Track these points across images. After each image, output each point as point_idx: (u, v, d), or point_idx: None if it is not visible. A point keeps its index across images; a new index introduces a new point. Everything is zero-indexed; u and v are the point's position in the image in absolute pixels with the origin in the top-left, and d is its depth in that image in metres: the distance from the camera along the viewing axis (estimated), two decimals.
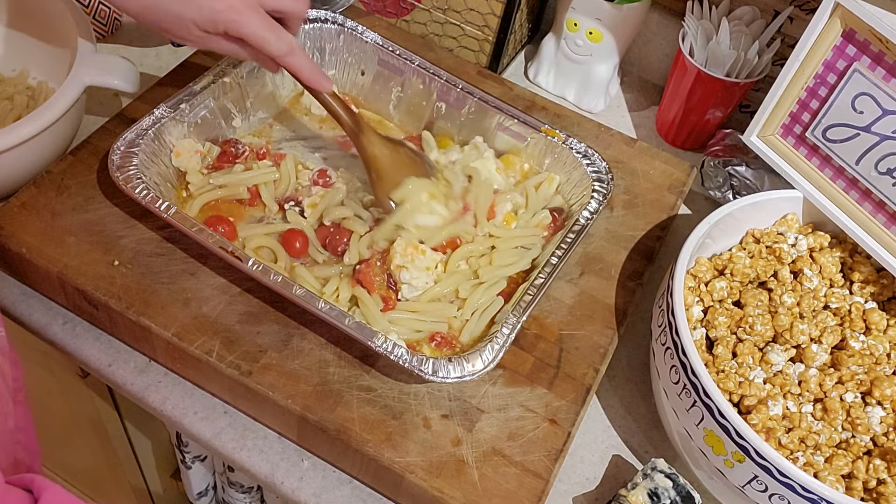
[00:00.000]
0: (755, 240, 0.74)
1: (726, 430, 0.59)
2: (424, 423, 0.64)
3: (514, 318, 0.65)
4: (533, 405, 0.66)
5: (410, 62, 0.83)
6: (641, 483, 0.64)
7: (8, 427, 0.57)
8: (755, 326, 0.67)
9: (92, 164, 0.75)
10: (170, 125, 0.74)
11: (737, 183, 0.86)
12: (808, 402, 0.65)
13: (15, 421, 0.58)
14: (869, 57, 0.67)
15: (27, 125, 0.70)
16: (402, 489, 0.63)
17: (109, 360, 0.70)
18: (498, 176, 0.78)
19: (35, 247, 0.68)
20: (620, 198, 0.82)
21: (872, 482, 0.61)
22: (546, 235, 0.76)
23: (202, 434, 0.68)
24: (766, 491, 0.59)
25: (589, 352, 0.70)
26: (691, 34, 0.89)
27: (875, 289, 0.72)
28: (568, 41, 0.95)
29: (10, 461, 0.56)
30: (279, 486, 0.67)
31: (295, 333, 0.67)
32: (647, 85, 1.04)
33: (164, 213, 0.67)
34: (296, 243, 0.72)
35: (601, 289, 0.74)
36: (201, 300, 0.68)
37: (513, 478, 0.62)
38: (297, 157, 0.79)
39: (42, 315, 0.72)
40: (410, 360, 0.61)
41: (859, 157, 0.70)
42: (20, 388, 0.60)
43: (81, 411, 0.94)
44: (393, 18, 0.98)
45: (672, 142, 0.97)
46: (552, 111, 0.88)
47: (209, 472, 1.05)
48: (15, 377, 0.59)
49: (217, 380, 0.67)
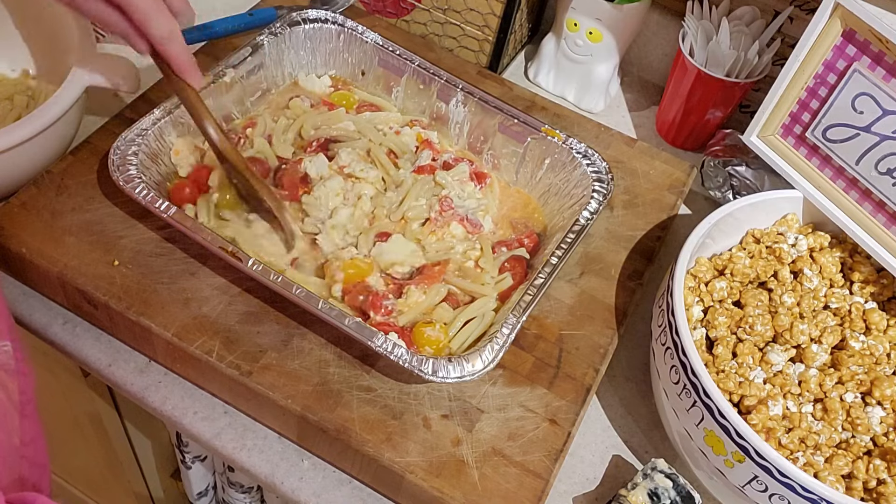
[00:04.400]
0: (755, 240, 0.74)
1: (726, 431, 0.59)
2: (424, 423, 0.64)
3: (514, 318, 0.65)
4: (533, 405, 0.66)
5: (410, 62, 0.83)
6: (641, 483, 0.64)
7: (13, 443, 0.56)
8: (755, 326, 0.67)
9: (92, 164, 0.75)
10: (170, 125, 0.74)
11: (737, 183, 0.86)
12: (808, 403, 0.65)
13: (21, 436, 0.57)
14: (869, 57, 0.67)
15: (27, 125, 0.70)
16: (402, 489, 0.63)
17: (109, 360, 0.70)
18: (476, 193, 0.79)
19: (35, 247, 0.68)
20: (620, 198, 0.82)
21: (872, 482, 0.61)
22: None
23: (202, 434, 0.68)
24: (766, 491, 0.59)
25: (589, 352, 0.70)
26: (691, 34, 0.89)
27: (875, 289, 0.72)
28: (568, 41, 0.95)
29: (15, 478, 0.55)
30: (279, 486, 0.67)
31: (295, 333, 0.67)
32: (647, 85, 1.04)
33: (164, 213, 0.67)
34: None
35: (601, 289, 0.74)
36: (201, 300, 0.68)
37: (513, 478, 0.62)
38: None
39: (42, 315, 0.72)
40: (410, 360, 0.61)
41: (859, 157, 0.70)
42: (29, 401, 0.58)
43: (81, 411, 0.94)
44: (393, 18, 0.98)
45: (672, 142, 0.97)
46: (552, 111, 0.88)
47: (209, 472, 1.05)
48: (23, 389, 0.58)
49: (217, 380, 0.67)
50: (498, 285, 0.72)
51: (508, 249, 0.75)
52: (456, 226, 0.75)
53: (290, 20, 0.83)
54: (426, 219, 0.75)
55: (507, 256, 0.74)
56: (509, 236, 0.78)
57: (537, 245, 0.77)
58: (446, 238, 0.75)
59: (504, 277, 0.73)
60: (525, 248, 0.76)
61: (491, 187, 0.81)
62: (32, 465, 0.58)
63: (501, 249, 0.75)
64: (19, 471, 0.56)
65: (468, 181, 0.79)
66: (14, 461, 0.56)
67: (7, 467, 0.55)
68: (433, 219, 0.74)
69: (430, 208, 0.75)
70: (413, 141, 0.82)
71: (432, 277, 0.71)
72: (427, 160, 0.79)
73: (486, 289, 0.71)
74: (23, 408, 0.58)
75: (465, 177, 0.79)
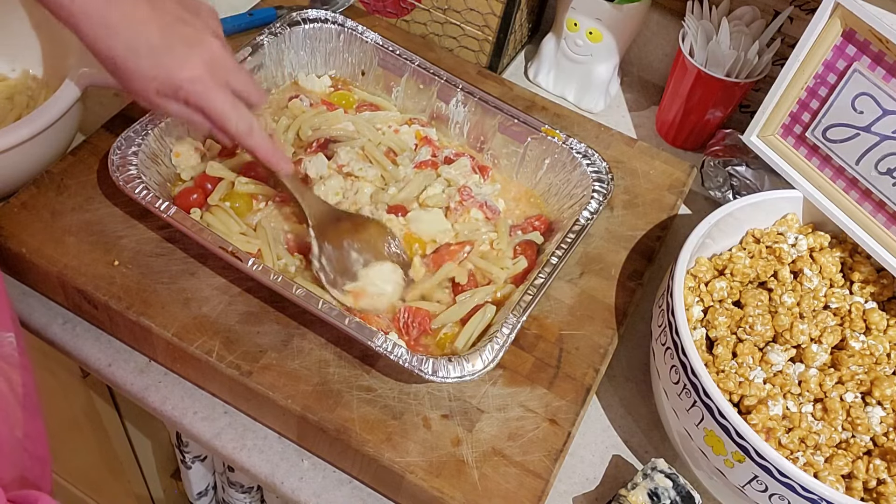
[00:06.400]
0: (755, 240, 0.74)
1: (726, 430, 0.59)
2: (424, 423, 0.64)
3: (514, 317, 0.65)
4: (533, 405, 0.66)
5: (410, 62, 0.83)
6: (641, 483, 0.64)
7: (15, 437, 0.56)
8: (755, 326, 0.67)
9: (92, 164, 0.75)
10: (170, 125, 0.74)
11: (737, 183, 0.86)
12: (808, 402, 0.65)
13: (23, 430, 0.57)
14: (869, 57, 0.67)
15: (27, 125, 0.70)
16: (402, 489, 0.63)
17: (109, 360, 0.70)
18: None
19: (35, 247, 0.68)
20: (620, 198, 0.82)
21: (872, 482, 0.61)
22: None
23: (202, 434, 0.68)
24: (766, 491, 0.59)
25: (589, 352, 0.70)
26: (691, 34, 0.89)
27: (875, 289, 0.72)
28: (568, 41, 0.95)
29: (17, 474, 0.55)
30: (279, 486, 0.67)
31: (295, 333, 0.67)
32: (647, 85, 1.04)
33: (164, 213, 0.67)
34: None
35: (601, 289, 0.74)
36: (201, 300, 0.68)
37: (513, 478, 0.62)
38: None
39: (42, 315, 0.72)
40: (410, 360, 0.61)
41: (859, 157, 0.70)
42: (29, 394, 0.58)
43: (81, 411, 0.94)
44: (393, 18, 0.98)
45: (672, 142, 0.97)
46: (552, 111, 0.88)
47: (209, 472, 1.05)
48: (25, 383, 0.58)
49: (217, 380, 0.67)
50: (514, 267, 0.74)
51: (523, 233, 0.77)
52: (476, 212, 0.77)
53: (290, 20, 0.83)
54: (446, 207, 0.77)
55: (521, 240, 0.76)
56: (521, 220, 0.79)
57: (549, 227, 0.78)
58: (470, 222, 0.77)
59: (518, 260, 0.74)
60: (538, 232, 0.77)
61: (493, 180, 0.82)
62: (34, 460, 0.58)
63: (517, 233, 0.77)
64: (21, 465, 0.56)
65: (472, 174, 0.80)
66: (17, 455, 0.56)
67: (9, 462, 0.55)
68: (453, 208, 0.76)
69: (449, 198, 0.77)
70: (412, 139, 0.82)
71: (446, 256, 0.73)
72: (427, 156, 0.80)
73: (502, 274, 0.73)
74: (25, 401, 0.58)
75: (468, 170, 0.79)
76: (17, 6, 0.84)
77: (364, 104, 0.86)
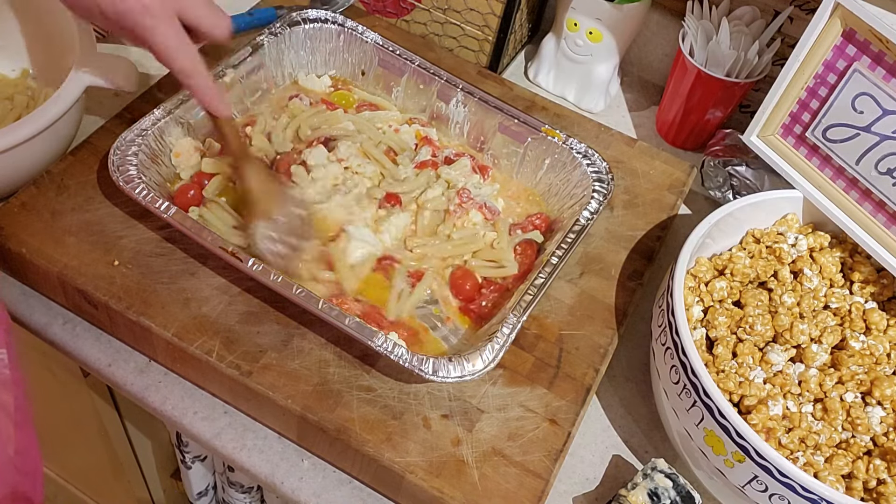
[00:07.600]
0: (755, 240, 0.74)
1: (726, 430, 0.59)
2: (424, 423, 0.64)
3: (514, 317, 0.65)
4: (533, 405, 0.66)
5: (410, 62, 0.83)
6: (641, 483, 0.64)
7: (7, 454, 0.55)
8: (755, 326, 0.67)
9: (92, 164, 0.75)
10: (170, 125, 0.74)
11: (737, 183, 0.86)
12: (808, 402, 0.65)
13: (15, 446, 0.56)
14: (869, 57, 0.67)
15: (27, 125, 0.70)
16: (402, 489, 0.63)
17: (109, 360, 0.70)
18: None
19: (35, 247, 0.68)
20: (620, 198, 0.82)
21: (872, 482, 0.61)
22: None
23: (202, 434, 0.68)
24: (766, 491, 0.59)
25: (589, 352, 0.70)
26: (691, 34, 0.89)
27: (875, 289, 0.72)
28: (568, 41, 0.95)
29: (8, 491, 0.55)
30: (279, 486, 0.67)
31: (295, 333, 0.67)
32: (647, 85, 1.04)
33: (164, 213, 0.66)
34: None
35: (601, 289, 0.74)
36: (201, 300, 0.68)
37: (513, 478, 0.62)
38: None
39: (42, 315, 0.72)
40: (410, 359, 0.61)
41: (859, 157, 0.70)
42: (21, 408, 0.58)
43: (81, 411, 0.94)
44: (393, 18, 0.98)
45: (672, 142, 0.97)
46: (552, 111, 0.88)
47: (209, 472, 1.05)
48: (17, 397, 0.57)
49: (217, 380, 0.67)
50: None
51: (523, 231, 0.77)
52: (475, 213, 0.77)
53: (290, 20, 0.83)
54: (444, 210, 0.77)
55: (521, 239, 0.76)
56: (522, 218, 0.79)
57: (549, 226, 0.78)
58: (468, 226, 0.76)
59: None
60: (538, 230, 0.77)
61: (493, 179, 0.82)
62: (24, 475, 0.57)
63: (517, 232, 0.77)
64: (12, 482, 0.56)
65: (472, 174, 0.80)
66: (9, 472, 0.55)
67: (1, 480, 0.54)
68: (452, 211, 0.76)
69: (448, 201, 0.77)
70: (412, 138, 0.82)
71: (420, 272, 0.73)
72: (427, 156, 0.80)
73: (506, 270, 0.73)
74: (16, 416, 0.57)
75: (468, 170, 0.79)
76: (17, 6, 0.84)
77: (364, 104, 0.86)
